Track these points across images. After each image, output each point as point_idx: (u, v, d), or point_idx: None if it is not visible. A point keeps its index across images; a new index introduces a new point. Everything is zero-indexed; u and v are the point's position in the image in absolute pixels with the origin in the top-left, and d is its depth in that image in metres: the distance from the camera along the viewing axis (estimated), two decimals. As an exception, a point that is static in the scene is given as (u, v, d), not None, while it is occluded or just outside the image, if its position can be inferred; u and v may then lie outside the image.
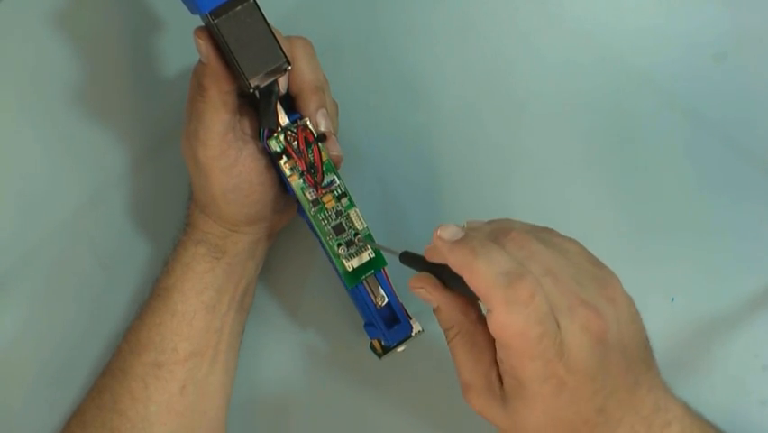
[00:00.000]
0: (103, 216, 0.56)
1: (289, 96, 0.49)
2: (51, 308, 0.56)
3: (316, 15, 0.56)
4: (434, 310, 0.43)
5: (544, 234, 0.42)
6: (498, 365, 0.41)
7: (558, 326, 0.38)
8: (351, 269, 0.49)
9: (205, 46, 0.45)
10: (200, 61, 0.46)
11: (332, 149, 0.49)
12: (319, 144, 0.48)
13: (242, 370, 0.53)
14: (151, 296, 0.50)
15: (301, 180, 0.48)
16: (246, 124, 0.49)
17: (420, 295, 0.43)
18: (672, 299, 0.54)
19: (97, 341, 0.55)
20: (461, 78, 0.56)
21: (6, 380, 0.55)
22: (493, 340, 0.41)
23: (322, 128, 0.48)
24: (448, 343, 0.43)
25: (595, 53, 0.56)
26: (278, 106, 0.48)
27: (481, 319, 0.42)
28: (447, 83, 0.56)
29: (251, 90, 0.45)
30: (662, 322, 0.54)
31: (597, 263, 0.42)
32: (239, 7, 0.44)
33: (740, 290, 0.54)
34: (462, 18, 0.56)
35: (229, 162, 0.47)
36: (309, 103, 0.48)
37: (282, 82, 0.47)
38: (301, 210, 0.50)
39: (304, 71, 0.48)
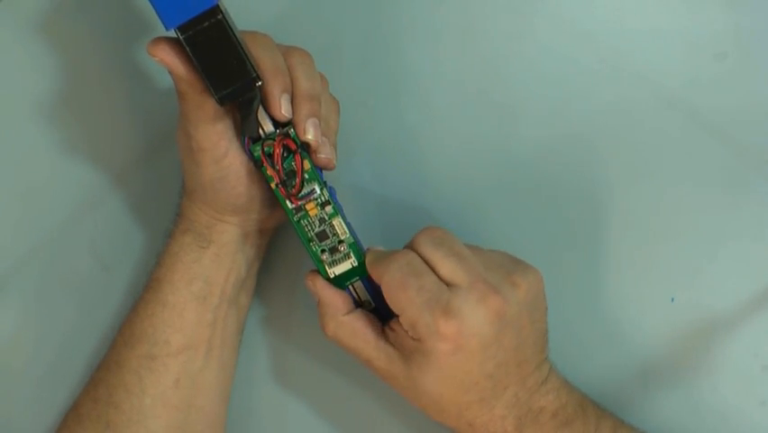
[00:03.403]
0: (102, 217, 0.56)
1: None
2: (51, 307, 0.56)
3: (316, 15, 0.56)
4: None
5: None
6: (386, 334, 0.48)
7: (454, 292, 0.45)
8: (333, 276, 0.49)
9: (162, 61, 0.45)
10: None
11: (321, 151, 0.48)
12: (302, 153, 0.48)
13: (240, 370, 0.53)
14: (144, 288, 0.51)
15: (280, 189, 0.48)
16: (236, 118, 0.49)
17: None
18: (672, 299, 0.54)
19: (96, 340, 0.55)
20: (459, 78, 0.56)
21: (5, 377, 0.55)
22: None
23: (309, 136, 0.47)
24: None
25: (595, 53, 0.56)
26: (262, 114, 0.48)
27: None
28: (446, 83, 0.56)
29: (222, 106, 0.46)
30: (662, 322, 0.54)
31: (515, 259, 0.48)
32: (206, 23, 0.44)
33: (740, 290, 0.54)
34: (462, 18, 0.56)
35: (220, 154, 0.47)
36: (299, 110, 0.47)
37: (285, 110, 0.47)
38: None
39: (298, 79, 0.48)
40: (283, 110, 0.47)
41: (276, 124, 0.48)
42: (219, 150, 0.47)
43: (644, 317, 0.54)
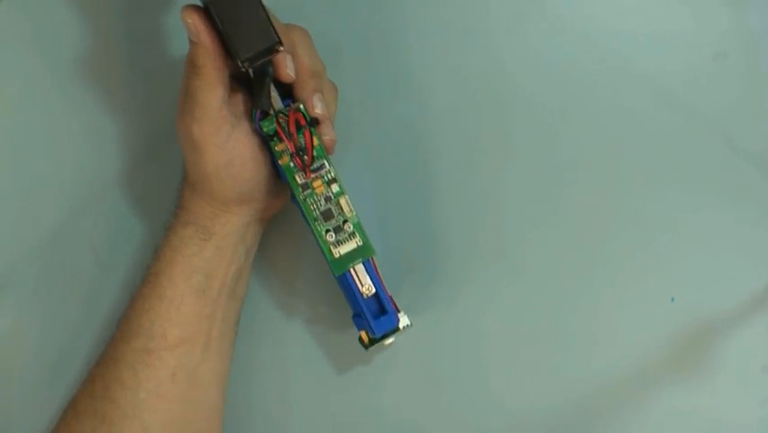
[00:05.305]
0: (102, 216, 0.56)
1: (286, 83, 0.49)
2: (50, 305, 0.56)
3: (316, 15, 0.56)
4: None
5: None
6: None
7: None
8: (338, 255, 0.49)
9: (194, 25, 0.46)
10: (192, 41, 0.46)
11: (325, 132, 0.49)
12: (311, 129, 0.48)
13: (235, 361, 0.53)
14: (142, 282, 0.50)
15: (291, 163, 0.49)
16: (236, 102, 0.49)
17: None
18: (672, 299, 0.54)
19: (96, 338, 0.55)
20: (459, 77, 0.56)
21: (5, 376, 0.55)
22: None
23: (318, 110, 0.48)
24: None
25: (595, 53, 0.56)
26: (272, 89, 0.48)
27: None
28: (446, 81, 0.56)
29: (243, 69, 0.46)
30: (663, 322, 0.54)
31: None
32: None
33: (740, 290, 0.54)
34: (462, 18, 0.57)
35: (223, 138, 0.47)
36: (305, 86, 0.48)
37: (289, 69, 0.48)
38: (294, 197, 0.50)
39: (301, 56, 0.48)
40: (288, 69, 0.48)
41: (284, 100, 0.49)
42: (222, 134, 0.47)
43: (644, 317, 0.54)
